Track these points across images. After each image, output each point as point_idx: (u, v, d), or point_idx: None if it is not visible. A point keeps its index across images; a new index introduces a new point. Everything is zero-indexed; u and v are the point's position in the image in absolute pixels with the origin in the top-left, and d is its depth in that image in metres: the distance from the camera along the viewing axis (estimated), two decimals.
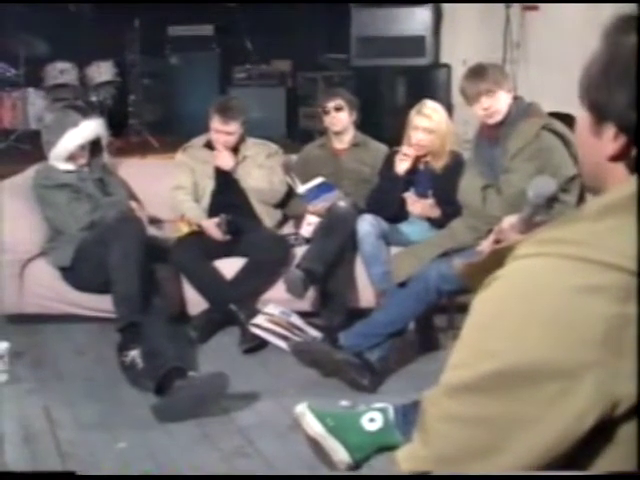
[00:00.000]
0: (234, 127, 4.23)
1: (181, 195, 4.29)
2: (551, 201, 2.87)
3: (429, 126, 3.92)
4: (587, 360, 0.84)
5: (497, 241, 3.08)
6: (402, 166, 3.96)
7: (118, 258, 3.61)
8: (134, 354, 3.45)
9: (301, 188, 4.30)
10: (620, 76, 0.94)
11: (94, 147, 4.16)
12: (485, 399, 0.90)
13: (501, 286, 0.94)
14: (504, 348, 0.89)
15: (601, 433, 0.87)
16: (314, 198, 4.22)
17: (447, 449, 0.93)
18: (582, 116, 1.02)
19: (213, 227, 4.07)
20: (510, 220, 3.06)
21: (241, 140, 4.33)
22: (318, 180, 4.27)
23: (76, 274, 3.89)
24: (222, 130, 4.22)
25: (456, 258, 3.41)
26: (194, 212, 4.23)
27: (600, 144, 0.98)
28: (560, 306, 0.87)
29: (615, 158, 0.96)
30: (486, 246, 3.26)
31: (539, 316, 0.88)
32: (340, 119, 4.39)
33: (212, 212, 4.23)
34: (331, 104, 4.39)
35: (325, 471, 2.75)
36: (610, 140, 0.96)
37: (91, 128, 4.10)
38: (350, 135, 4.46)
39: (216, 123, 4.22)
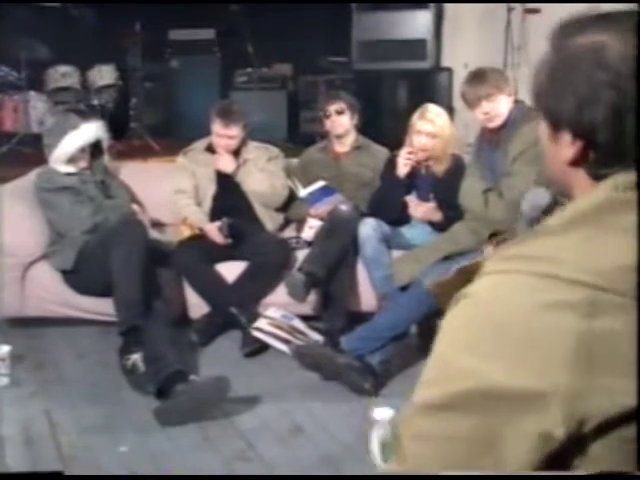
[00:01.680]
0: (235, 131, 4.23)
1: (183, 199, 4.30)
2: (546, 213, 2.87)
3: (432, 130, 3.93)
4: (555, 378, 0.84)
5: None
6: (405, 168, 3.96)
7: (120, 261, 3.61)
8: (136, 358, 3.46)
9: (303, 192, 4.31)
10: (566, 81, 0.94)
11: (95, 150, 4.16)
12: (455, 417, 0.89)
13: (468, 304, 0.93)
14: (474, 368, 0.88)
15: (572, 450, 0.87)
16: (316, 202, 4.22)
17: (421, 468, 0.93)
18: (541, 124, 1.02)
19: (215, 231, 4.07)
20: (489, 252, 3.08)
21: (242, 144, 4.34)
22: (319, 183, 4.27)
23: (78, 277, 3.89)
24: (223, 134, 4.22)
25: (461, 261, 3.41)
26: (196, 216, 4.23)
27: (559, 150, 0.98)
28: (528, 325, 0.86)
29: (574, 163, 0.96)
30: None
31: (507, 335, 0.87)
32: (341, 122, 4.39)
33: (213, 216, 4.23)
34: (332, 107, 4.39)
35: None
36: (567, 145, 0.96)
37: (91, 131, 4.10)
38: (351, 138, 4.46)
39: (217, 127, 4.23)
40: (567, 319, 0.84)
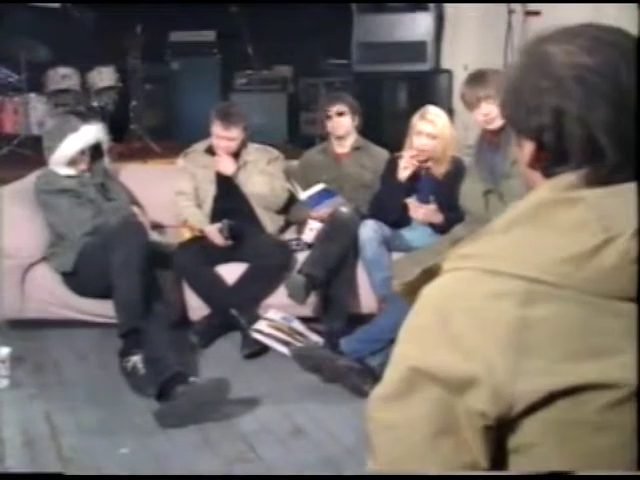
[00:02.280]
0: (235, 133, 4.23)
1: (183, 200, 4.30)
2: None
3: (432, 131, 3.93)
4: (488, 362, 0.90)
5: None
6: (405, 173, 3.96)
7: (120, 263, 3.61)
8: (135, 360, 3.46)
9: (303, 195, 4.31)
10: (518, 90, 1.03)
11: (95, 152, 4.16)
12: (407, 403, 0.96)
13: (420, 301, 1.02)
14: (415, 355, 0.97)
15: (508, 432, 0.93)
16: (316, 204, 4.22)
17: (390, 459, 0.99)
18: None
19: (215, 233, 4.07)
20: None
21: (242, 145, 4.34)
22: (319, 186, 4.27)
23: (78, 279, 3.89)
24: (223, 136, 4.22)
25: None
26: (196, 217, 4.23)
27: (522, 153, 1.06)
28: (467, 313, 0.94)
29: (531, 165, 1.04)
30: None
31: (447, 324, 0.95)
32: (342, 124, 4.39)
33: (214, 217, 4.23)
34: (334, 109, 4.39)
35: None
36: (526, 149, 1.04)
37: (91, 133, 4.10)
38: (352, 140, 4.46)
39: (217, 129, 4.23)
40: (503, 308, 0.91)
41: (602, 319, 0.90)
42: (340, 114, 4.38)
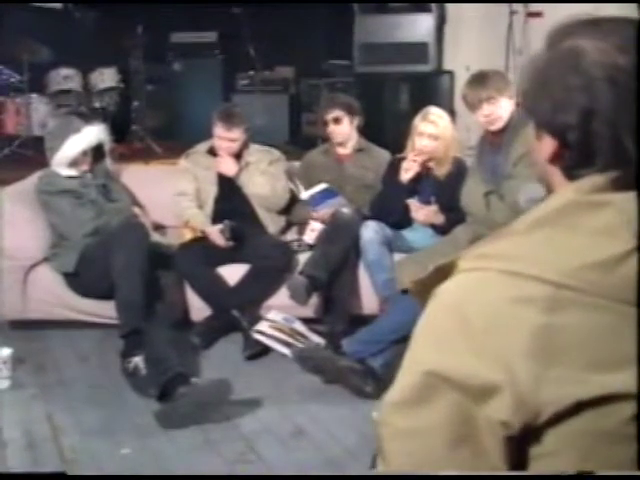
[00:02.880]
0: (237, 134, 4.23)
1: (184, 201, 4.30)
2: None
3: (434, 132, 3.93)
4: (511, 370, 0.87)
5: None
6: (407, 174, 3.96)
7: (122, 264, 3.61)
8: (137, 360, 3.46)
9: (304, 194, 4.31)
10: (544, 83, 0.99)
11: (97, 153, 4.17)
12: (424, 410, 0.92)
13: (436, 301, 0.97)
14: (434, 360, 0.93)
15: (530, 441, 0.90)
16: (318, 204, 4.22)
17: (404, 467, 0.95)
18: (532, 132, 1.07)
19: (216, 234, 4.07)
20: None
21: (244, 146, 4.34)
22: (321, 186, 4.27)
23: (80, 280, 3.89)
24: (225, 137, 4.22)
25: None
26: (197, 218, 4.23)
27: (541, 147, 1.02)
28: (489, 318, 0.90)
29: (550, 160, 1.00)
30: None
31: (468, 328, 0.91)
32: (340, 131, 4.38)
33: (215, 218, 4.23)
34: (329, 116, 4.38)
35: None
36: (547, 144, 1.00)
37: (93, 134, 4.11)
38: (353, 141, 4.46)
39: (219, 130, 4.23)
40: (527, 314, 0.88)
41: (628, 327, 0.87)
42: (336, 121, 4.37)
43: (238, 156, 4.33)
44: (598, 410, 0.86)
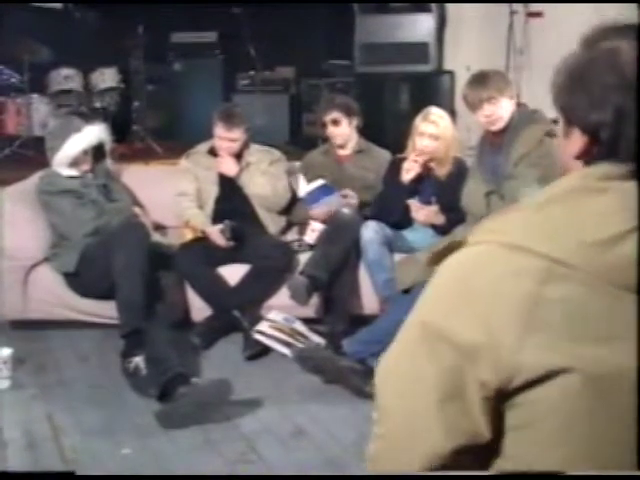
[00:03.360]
0: (237, 134, 4.23)
1: (185, 201, 4.30)
2: None
3: (435, 132, 3.93)
4: (495, 334, 0.93)
5: None
6: (409, 175, 3.96)
7: (122, 264, 3.61)
8: (138, 360, 3.46)
9: (302, 191, 4.31)
10: (582, 81, 1.02)
11: (97, 153, 4.17)
12: (414, 362, 1.01)
13: (442, 267, 1.05)
14: (428, 312, 1.03)
15: (503, 402, 0.96)
16: (314, 202, 4.23)
17: (396, 420, 1.04)
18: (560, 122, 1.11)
19: (217, 234, 4.07)
20: None
21: (245, 147, 4.34)
22: (319, 182, 4.27)
23: (80, 280, 3.89)
24: (225, 137, 4.22)
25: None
26: (198, 218, 4.23)
27: (568, 144, 1.07)
28: (483, 285, 0.96)
29: (578, 157, 1.05)
30: None
31: (462, 291, 0.98)
32: (338, 132, 4.38)
33: (216, 218, 4.23)
34: (328, 118, 4.38)
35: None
36: (576, 140, 1.05)
37: (94, 133, 4.11)
38: (353, 142, 4.45)
39: (219, 130, 4.23)
40: (520, 283, 0.94)
41: (610, 307, 0.92)
42: (335, 123, 4.37)
43: (239, 156, 4.33)
44: (566, 381, 0.91)
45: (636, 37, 1.00)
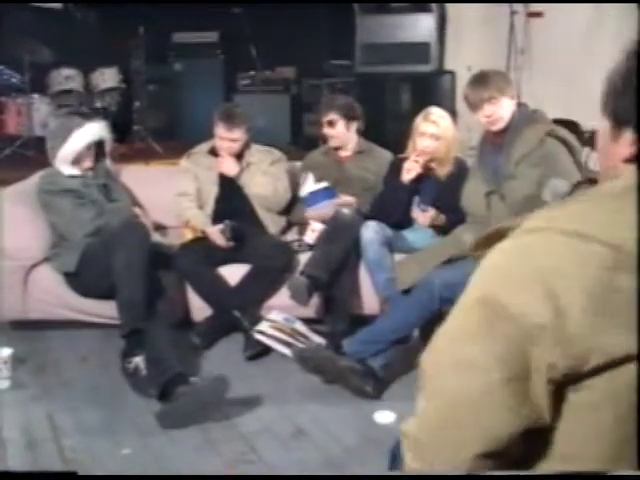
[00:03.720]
0: (238, 134, 4.23)
1: (185, 202, 4.30)
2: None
3: (436, 132, 3.93)
4: (563, 314, 0.93)
5: None
6: (409, 175, 3.96)
7: (123, 264, 3.60)
8: (138, 360, 3.45)
9: (304, 191, 4.31)
10: (633, 89, 1.02)
11: (98, 152, 4.17)
12: (479, 341, 0.99)
13: (499, 248, 1.04)
14: (488, 286, 1.01)
15: (572, 389, 0.96)
16: (313, 204, 4.23)
17: (453, 400, 1.01)
18: (603, 124, 1.10)
19: (217, 234, 4.06)
20: None
21: (245, 147, 4.33)
22: (323, 184, 4.26)
23: (80, 280, 3.89)
24: (226, 137, 4.22)
25: (463, 263, 3.42)
26: (198, 219, 4.23)
27: (617, 148, 1.06)
28: (552, 267, 0.96)
29: (629, 160, 1.05)
30: None
31: (526, 268, 0.98)
32: (332, 134, 4.38)
33: (216, 218, 4.23)
34: (325, 119, 4.38)
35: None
36: (627, 144, 1.04)
37: (96, 130, 4.11)
38: (353, 143, 4.45)
39: (220, 130, 4.22)
40: (591, 269, 0.93)
41: None
42: (330, 123, 4.36)
43: (239, 156, 4.32)
44: (631, 372, 0.92)
45: None
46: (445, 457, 1.02)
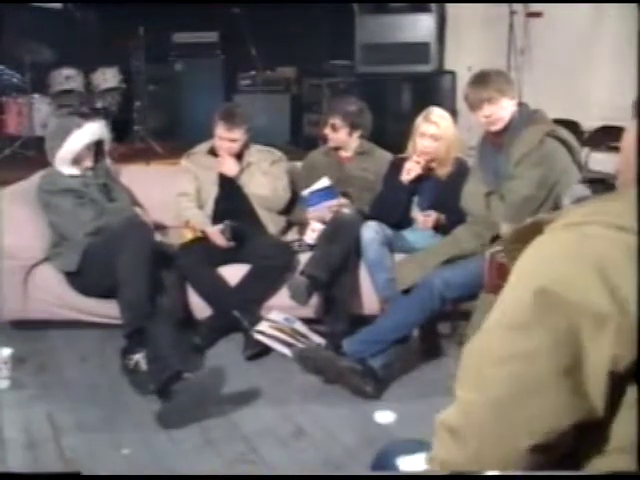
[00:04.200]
0: (238, 134, 4.23)
1: (185, 201, 4.30)
2: None
3: (436, 133, 3.93)
4: (624, 304, 0.92)
5: None
6: (409, 175, 3.96)
7: (127, 264, 3.60)
8: (138, 357, 3.45)
9: (305, 191, 4.31)
10: None
11: (97, 151, 4.17)
12: (532, 331, 0.97)
13: (544, 239, 1.03)
14: (543, 276, 0.98)
15: (632, 384, 0.94)
16: (314, 203, 4.23)
17: (504, 392, 0.99)
18: (631, 125, 1.11)
19: (217, 234, 4.06)
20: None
21: (245, 147, 4.33)
22: (324, 182, 4.26)
23: (82, 279, 3.89)
24: (226, 137, 4.22)
25: (463, 264, 3.43)
26: (198, 218, 4.23)
27: None
28: (600, 257, 0.95)
29: None
30: None
31: (579, 258, 0.96)
32: (332, 137, 4.39)
33: (216, 219, 4.23)
34: (329, 120, 4.39)
35: None
36: None
37: (94, 129, 4.10)
38: (355, 145, 4.45)
39: (220, 130, 4.22)
40: (631, 263, 0.93)
41: None
42: (333, 127, 4.37)
43: (239, 156, 4.33)
44: None
45: None
46: (493, 450, 1.01)
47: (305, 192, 4.32)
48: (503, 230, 3.32)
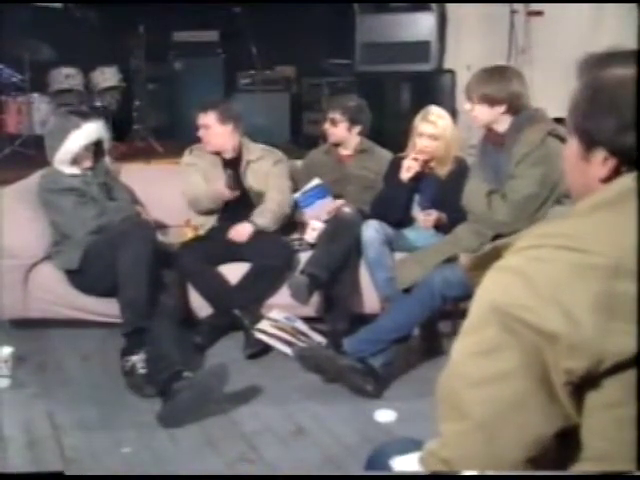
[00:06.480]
0: (207, 119, 4.24)
1: (194, 175, 4.29)
2: None
3: (434, 132, 3.92)
4: (574, 322, 0.97)
5: None
6: (409, 173, 3.96)
7: (128, 263, 3.60)
8: (135, 359, 3.44)
9: (297, 194, 4.31)
10: (606, 105, 1.06)
11: (97, 151, 4.16)
12: (500, 353, 1.01)
13: (498, 269, 1.07)
14: (501, 299, 1.03)
15: (591, 391, 0.99)
16: (306, 205, 4.24)
17: (487, 415, 1.03)
18: (570, 143, 1.14)
19: (222, 189, 4.07)
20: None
21: (233, 141, 4.31)
22: (314, 182, 4.27)
23: (83, 277, 3.88)
24: (202, 124, 4.24)
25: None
26: (208, 193, 4.20)
27: (589, 168, 1.10)
28: (551, 279, 1.00)
29: (606, 180, 1.08)
30: None
31: (531, 285, 1.01)
32: (332, 132, 4.39)
33: (218, 217, 4.23)
34: (329, 115, 4.40)
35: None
36: (599, 164, 1.08)
37: (93, 130, 4.10)
38: (355, 142, 4.45)
39: (198, 119, 4.27)
40: (590, 278, 0.98)
41: None
42: (332, 121, 4.37)
43: (239, 157, 4.32)
44: None
45: None
46: (491, 470, 1.04)
47: (297, 195, 4.32)
48: (462, 260, 3.33)
